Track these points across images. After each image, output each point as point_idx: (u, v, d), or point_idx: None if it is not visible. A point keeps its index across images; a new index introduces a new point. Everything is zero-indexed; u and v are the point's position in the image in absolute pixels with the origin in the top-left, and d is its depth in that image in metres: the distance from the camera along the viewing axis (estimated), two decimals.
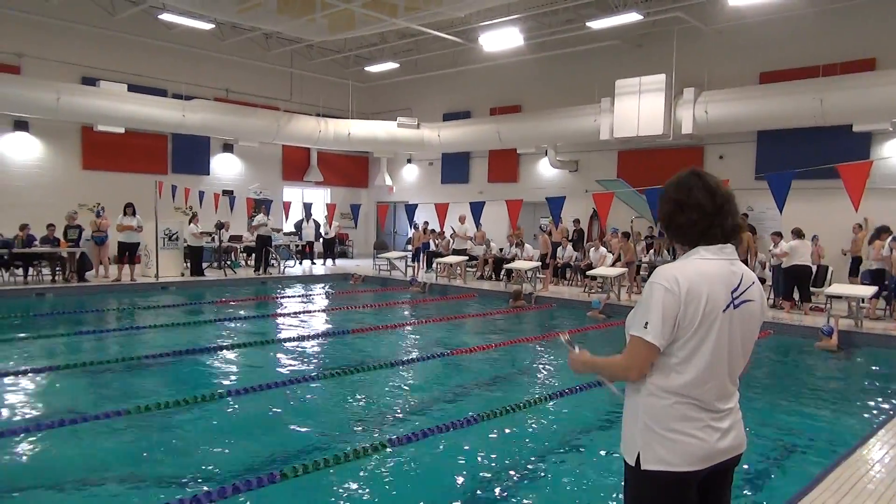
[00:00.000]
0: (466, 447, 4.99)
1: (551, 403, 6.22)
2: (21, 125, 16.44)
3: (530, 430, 5.55)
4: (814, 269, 12.13)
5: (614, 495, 4.11)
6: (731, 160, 15.45)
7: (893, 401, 6.63)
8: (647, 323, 2.03)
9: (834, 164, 7.98)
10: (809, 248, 11.58)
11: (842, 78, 12.84)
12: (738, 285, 2.10)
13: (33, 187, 16.56)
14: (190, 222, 15.71)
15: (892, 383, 7.59)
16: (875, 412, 6.22)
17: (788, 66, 14.34)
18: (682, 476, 2.05)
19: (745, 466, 4.50)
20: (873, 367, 8.56)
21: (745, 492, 4.23)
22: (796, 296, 11.70)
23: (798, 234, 11.54)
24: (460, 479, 4.40)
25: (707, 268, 2.08)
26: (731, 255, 2.13)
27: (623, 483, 2.20)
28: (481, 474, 4.50)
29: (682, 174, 2.20)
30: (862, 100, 12.32)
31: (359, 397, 6.40)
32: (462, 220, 17.38)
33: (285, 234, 20.08)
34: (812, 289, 11.82)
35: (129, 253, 13.94)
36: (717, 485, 2.18)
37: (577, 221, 17.09)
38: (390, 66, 20.19)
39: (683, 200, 2.14)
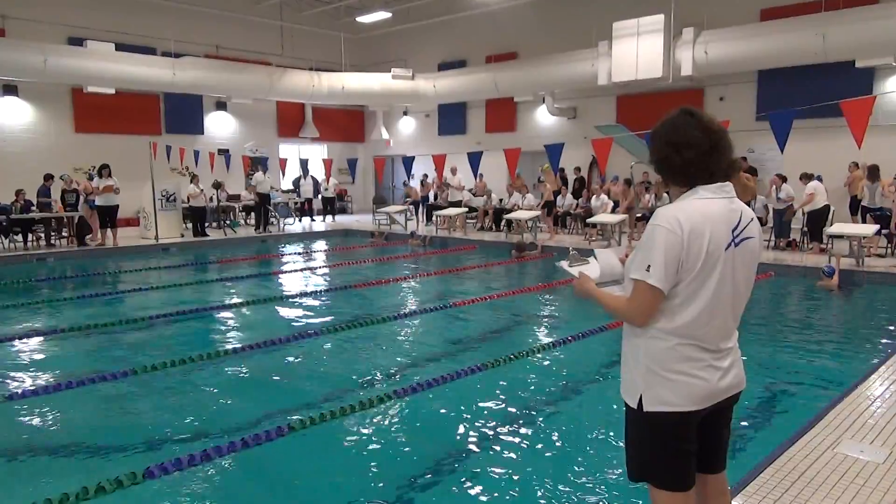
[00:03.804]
0: (472, 395, 5.04)
1: (554, 351, 6.26)
2: (10, 90, 16.17)
3: (534, 376, 5.60)
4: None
5: (617, 436, 4.17)
6: (731, 101, 15.21)
7: (894, 337, 6.67)
8: (649, 266, 2.00)
9: (836, 101, 7.83)
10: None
11: (844, 12, 12.53)
12: (738, 223, 2.08)
13: (26, 152, 16.38)
14: (191, 183, 15.62)
15: (893, 321, 7.62)
16: (876, 349, 6.26)
17: (790, 1, 13.97)
18: (683, 416, 2.07)
19: (747, 404, 4.55)
20: (874, 306, 8.59)
21: (746, 429, 4.28)
22: (794, 236, 11.78)
23: (812, 176, 11.55)
24: (466, 427, 4.46)
25: (708, 207, 2.05)
26: (729, 194, 2.10)
27: (624, 425, 2.22)
28: (486, 422, 4.56)
29: (674, 114, 2.15)
30: (865, 34, 12.05)
31: (363, 350, 6.45)
32: (454, 171, 17.24)
33: (283, 191, 19.96)
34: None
35: (108, 217, 13.69)
36: (717, 422, 2.21)
37: (577, 169, 16.94)
38: (382, 15, 19.68)
39: (679, 141, 2.09)
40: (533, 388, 5.30)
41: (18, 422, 4.69)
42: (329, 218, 20.07)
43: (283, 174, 19.09)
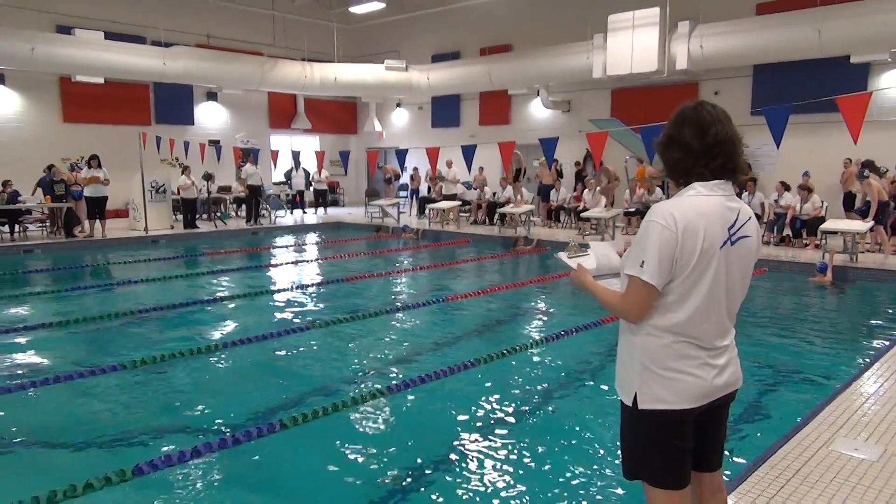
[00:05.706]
0: (466, 391, 5.01)
1: (548, 346, 6.23)
2: None
3: (528, 372, 5.58)
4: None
5: (612, 434, 4.14)
6: (726, 96, 15.16)
7: (888, 334, 6.67)
8: (643, 262, 1.98)
9: (832, 97, 7.80)
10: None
11: (840, 7, 12.50)
12: (735, 221, 2.05)
13: (13, 142, 16.17)
14: (181, 174, 15.48)
15: (887, 317, 7.63)
16: (870, 346, 6.26)
17: None
18: (679, 413, 2.04)
19: (740, 401, 4.53)
20: (868, 302, 8.61)
21: (741, 426, 4.27)
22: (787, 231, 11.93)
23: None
24: (459, 423, 4.42)
25: (703, 204, 2.01)
26: (727, 191, 2.07)
27: (620, 422, 2.18)
28: (480, 417, 4.53)
29: (686, 106, 2.12)
30: (860, 29, 12.04)
31: (356, 345, 6.40)
32: (449, 164, 17.18)
33: (275, 183, 19.80)
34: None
35: (97, 208, 13.50)
36: (713, 420, 2.18)
37: (577, 163, 16.90)
38: (376, 5, 19.50)
39: (674, 136, 2.08)
40: (526, 383, 5.26)
41: (4, 417, 4.61)
42: (321, 210, 19.97)
43: (275, 166, 18.94)
